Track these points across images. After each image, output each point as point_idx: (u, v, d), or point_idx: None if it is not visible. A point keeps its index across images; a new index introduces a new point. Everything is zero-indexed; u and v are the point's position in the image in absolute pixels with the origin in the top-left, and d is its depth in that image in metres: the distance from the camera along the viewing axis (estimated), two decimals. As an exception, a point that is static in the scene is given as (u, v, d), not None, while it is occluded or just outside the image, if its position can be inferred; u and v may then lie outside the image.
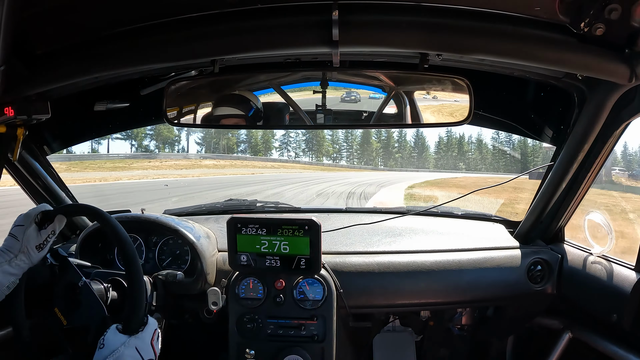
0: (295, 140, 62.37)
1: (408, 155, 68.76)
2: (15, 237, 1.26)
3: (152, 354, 1.19)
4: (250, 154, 59.65)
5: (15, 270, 1.25)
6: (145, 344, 1.18)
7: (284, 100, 1.45)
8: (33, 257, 1.28)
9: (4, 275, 1.23)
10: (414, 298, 1.86)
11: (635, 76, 1.11)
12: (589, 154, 1.58)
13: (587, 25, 1.01)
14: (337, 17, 1.04)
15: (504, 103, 1.80)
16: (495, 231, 2.14)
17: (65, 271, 1.38)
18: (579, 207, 1.80)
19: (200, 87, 1.53)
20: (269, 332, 1.75)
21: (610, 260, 1.64)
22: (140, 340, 1.17)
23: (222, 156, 46.62)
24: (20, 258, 1.25)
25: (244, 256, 1.72)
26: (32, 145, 1.80)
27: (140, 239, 1.94)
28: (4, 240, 1.29)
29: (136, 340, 1.17)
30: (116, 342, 1.14)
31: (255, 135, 57.79)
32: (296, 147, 64.40)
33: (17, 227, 1.28)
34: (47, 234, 1.31)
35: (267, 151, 62.33)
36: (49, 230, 1.31)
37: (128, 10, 1.13)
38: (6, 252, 1.25)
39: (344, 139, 65.05)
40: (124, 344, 1.14)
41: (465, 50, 1.15)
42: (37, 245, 1.28)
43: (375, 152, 67.33)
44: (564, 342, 1.86)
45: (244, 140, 60.92)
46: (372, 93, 1.48)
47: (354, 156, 67.62)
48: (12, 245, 1.26)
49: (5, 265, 1.23)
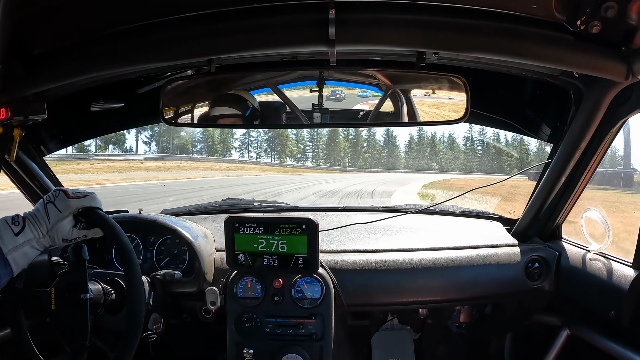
0: (257, 139, 57.35)
1: (378, 155, 63.91)
2: (47, 218, 1.24)
3: None
4: (206, 154, 54.12)
5: (39, 247, 1.24)
6: None
7: (281, 99, 1.46)
8: (57, 243, 1.26)
9: (32, 250, 1.22)
10: (412, 296, 1.86)
11: (631, 73, 1.11)
12: (586, 151, 1.58)
13: (584, 23, 1.02)
14: (334, 16, 1.04)
15: (500, 101, 1.80)
16: (492, 229, 2.14)
17: (78, 271, 1.29)
18: (576, 204, 1.81)
19: (196, 86, 1.53)
20: (267, 331, 1.75)
21: (608, 257, 1.64)
22: None
23: (169, 157, 42.54)
24: (46, 239, 1.24)
25: (242, 255, 1.72)
26: (28, 145, 1.80)
27: (138, 239, 1.94)
28: (34, 207, 1.26)
29: None
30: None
31: (212, 135, 53.32)
32: (257, 147, 58.68)
33: (54, 209, 1.25)
34: (77, 236, 1.28)
35: (226, 152, 56.63)
36: (81, 234, 1.28)
37: (125, 9, 1.13)
38: (35, 228, 1.22)
39: (309, 138, 59.77)
40: None
41: (461, 49, 1.15)
42: (64, 239, 1.26)
43: (344, 152, 62.22)
44: (562, 339, 1.86)
45: (200, 139, 55.64)
46: (368, 91, 1.48)
47: (319, 157, 61.94)
48: (41, 222, 1.23)
49: (33, 242, 1.21)
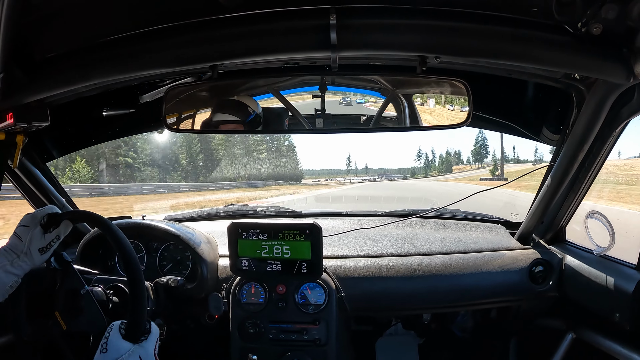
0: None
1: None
2: (19, 238, 1.25)
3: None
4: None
5: (17, 270, 1.23)
6: (149, 354, 1.16)
7: (283, 105, 1.46)
8: (35, 259, 1.26)
9: (6, 275, 1.21)
10: (416, 301, 1.86)
11: (633, 75, 1.10)
12: (589, 153, 1.58)
13: (584, 25, 1.01)
14: (335, 21, 1.04)
15: (502, 104, 1.80)
16: (496, 232, 2.14)
17: (68, 276, 1.36)
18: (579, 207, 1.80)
19: (199, 92, 1.53)
20: (271, 337, 1.74)
21: (612, 260, 1.63)
22: (144, 349, 1.15)
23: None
24: (22, 259, 1.24)
25: (245, 261, 1.72)
26: (32, 152, 1.80)
27: (141, 245, 1.94)
28: (9, 238, 1.28)
29: (140, 349, 1.14)
30: (120, 349, 1.11)
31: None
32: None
33: (22, 228, 1.27)
34: (52, 238, 1.29)
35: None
36: (53, 235, 1.30)
37: (127, 16, 1.13)
38: (9, 252, 1.24)
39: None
40: (128, 353, 1.11)
41: (463, 53, 1.16)
42: (40, 248, 1.27)
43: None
44: (568, 343, 1.85)
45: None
46: (370, 97, 1.49)
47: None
48: (15, 245, 1.25)
49: (7, 266, 1.22)
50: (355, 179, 58.66)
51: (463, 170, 71.41)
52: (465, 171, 69.32)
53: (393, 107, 1.47)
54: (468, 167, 75.23)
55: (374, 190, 27.66)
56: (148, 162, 27.64)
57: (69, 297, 1.34)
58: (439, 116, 1.47)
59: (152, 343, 1.18)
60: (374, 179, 60.05)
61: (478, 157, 75.96)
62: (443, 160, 75.82)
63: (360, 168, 70.73)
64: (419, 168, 76.61)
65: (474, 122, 1.54)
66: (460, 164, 76.94)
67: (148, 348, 1.16)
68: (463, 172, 68.39)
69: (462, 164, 77.43)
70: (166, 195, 21.86)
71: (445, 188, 25.52)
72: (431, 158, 78.50)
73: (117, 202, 14.82)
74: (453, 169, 74.07)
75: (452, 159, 75.73)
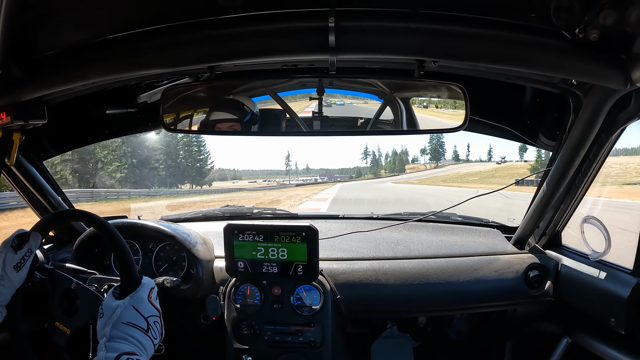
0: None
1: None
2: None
3: (153, 310, 1.19)
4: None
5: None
6: (143, 302, 1.17)
7: (281, 107, 1.46)
8: (13, 278, 1.27)
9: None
10: (411, 304, 1.86)
11: (630, 81, 1.10)
12: (586, 158, 1.58)
13: (582, 30, 1.01)
14: (334, 24, 1.04)
15: (500, 109, 1.80)
16: (492, 237, 2.14)
17: (56, 281, 1.38)
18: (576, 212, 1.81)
19: (197, 93, 1.53)
20: (266, 339, 1.74)
21: (608, 265, 1.64)
22: (136, 299, 1.17)
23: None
24: (1, 283, 1.25)
25: (241, 263, 1.72)
26: (28, 150, 1.80)
27: (137, 245, 1.94)
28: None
29: (132, 300, 1.16)
30: (113, 308, 1.13)
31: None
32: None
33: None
34: (24, 253, 1.30)
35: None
36: (25, 249, 1.30)
37: (126, 16, 1.13)
38: None
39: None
40: (120, 306, 1.13)
41: (461, 57, 1.15)
42: (14, 265, 1.27)
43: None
44: (563, 347, 1.86)
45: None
46: (369, 99, 1.49)
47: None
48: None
49: None
50: (295, 180, 58.29)
51: (417, 170, 70.47)
52: (420, 171, 68.37)
53: (390, 111, 1.47)
54: (422, 166, 74.23)
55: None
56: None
57: (64, 299, 1.36)
58: (436, 120, 1.47)
59: (145, 292, 1.21)
60: (316, 180, 59.85)
61: (435, 155, 75.09)
62: (395, 159, 74.64)
63: (301, 168, 69.33)
64: (365, 168, 75.38)
65: (471, 126, 1.54)
66: (413, 163, 75.78)
67: (140, 296, 1.18)
68: (418, 171, 67.34)
69: (415, 163, 76.26)
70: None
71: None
72: (378, 157, 77.08)
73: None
74: (406, 168, 73.01)
75: (403, 157, 74.41)
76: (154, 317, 1.18)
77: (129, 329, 1.10)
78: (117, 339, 1.08)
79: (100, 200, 22.67)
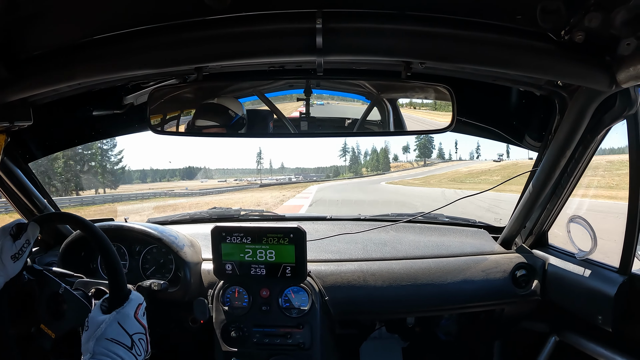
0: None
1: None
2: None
3: (139, 327, 1.17)
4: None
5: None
6: (129, 318, 1.16)
7: (268, 108, 1.45)
8: (9, 268, 1.25)
9: None
10: (399, 305, 1.86)
11: (615, 82, 1.11)
12: (571, 159, 1.60)
13: (568, 33, 1.02)
14: (321, 25, 1.04)
15: (486, 110, 1.82)
16: (479, 237, 2.15)
17: (44, 283, 1.36)
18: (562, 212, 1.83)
19: (184, 94, 1.52)
20: (255, 341, 1.73)
21: (594, 263, 1.66)
22: (122, 315, 1.15)
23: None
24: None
25: (229, 265, 1.71)
26: (14, 151, 1.77)
27: (124, 248, 1.91)
28: None
29: (118, 315, 1.15)
30: (99, 323, 1.12)
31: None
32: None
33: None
34: (22, 244, 1.28)
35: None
36: (23, 240, 1.28)
37: (113, 16, 1.12)
38: None
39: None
40: (105, 322, 1.12)
41: (448, 59, 1.16)
42: (12, 255, 1.25)
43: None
44: (551, 346, 1.88)
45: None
46: (356, 100, 1.49)
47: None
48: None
49: None
50: (268, 179, 57.75)
51: (403, 168, 69.53)
52: (407, 169, 67.48)
53: (378, 112, 1.48)
54: (408, 164, 73.25)
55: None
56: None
57: (50, 303, 1.34)
58: (423, 121, 1.48)
59: (132, 307, 1.19)
60: (290, 179, 59.66)
61: (424, 152, 74.22)
62: (378, 156, 73.69)
63: (276, 167, 68.03)
64: (344, 167, 74.28)
65: (458, 127, 1.55)
66: (396, 161, 74.61)
67: (127, 313, 1.17)
68: (405, 170, 66.27)
69: (398, 161, 75.04)
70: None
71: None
72: (357, 154, 76.16)
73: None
74: (391, 166, 71.99)
75: (386, 155, 73.37)
76: (139, 335, 1.16)
77: (112, 346, 1.09)
78: (100, 355, 1.06)
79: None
